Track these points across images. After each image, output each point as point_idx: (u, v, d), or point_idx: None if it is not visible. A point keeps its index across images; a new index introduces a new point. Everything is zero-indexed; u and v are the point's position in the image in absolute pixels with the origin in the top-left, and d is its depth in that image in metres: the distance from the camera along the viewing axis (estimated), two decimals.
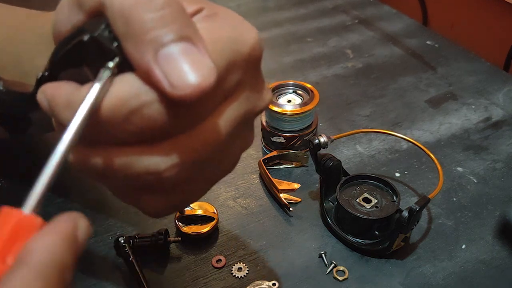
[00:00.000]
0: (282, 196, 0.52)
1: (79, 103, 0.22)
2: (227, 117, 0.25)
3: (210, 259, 0.46)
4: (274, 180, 0.52)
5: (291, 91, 0.58)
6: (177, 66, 0.21)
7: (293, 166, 0.58)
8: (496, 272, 0.45)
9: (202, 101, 0.23)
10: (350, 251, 0.48)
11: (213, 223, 0.48)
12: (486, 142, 0.61)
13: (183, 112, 0.23)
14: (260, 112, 0.28)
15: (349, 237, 0.47)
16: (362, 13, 0.94)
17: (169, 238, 0.46)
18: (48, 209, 0.51)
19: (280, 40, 0.86)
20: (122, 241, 0.44)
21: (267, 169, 0.54)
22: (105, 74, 0.22)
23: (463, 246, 0.48)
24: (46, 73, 0.26)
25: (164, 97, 0.22)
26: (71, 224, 0.20)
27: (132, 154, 0.24)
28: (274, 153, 0.57)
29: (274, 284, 0.44)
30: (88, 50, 0.23)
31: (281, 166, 0.58)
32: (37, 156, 0.57)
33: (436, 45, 0.83)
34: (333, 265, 0.46)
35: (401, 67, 0.77)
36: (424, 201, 0.43)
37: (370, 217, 0.46)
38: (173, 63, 0.21)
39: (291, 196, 0.52)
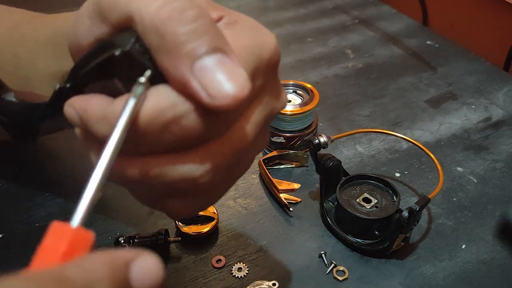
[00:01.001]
0: (282, 196, 0.51)
1: (115, 116, 0.22)
2: (253, 121, 0.26)
3: (210, 259, 0.46)
4: (274, 180, 0.52)
5: (291, 91, 0.58)
6: (214, 78, 0.22)
7: (293, 166, 0.58)
8: (497, 272, 0.45)
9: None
10: (350, 251, 0.48)
11: (213, 223, 0.48)
12: (486, 142, 0.61)
13: (216, 120, 0.23)
14: (278, 112, 0.29)
15: (349, 237, 0.47)
16: (362, 13, 0.94)
17: (169, 238, 0.46)
18: (48, 210, 0.51)
19: (280, 40, 0.85)
20: (122, 241, 0.44)
21: (267, 169, 0.54)
22: (139, 87, 0.22)
23: (463, 246, 0.48)
24: (68, 85, 0.26)
25: (199, 106, 0.22)
26: (126, 255, 0.20)
27: (167, 163, 0.24)
28: (274, 153, 0.56)
29: (274, 284, 0.44)
30: (119, 64, 0.23)
31: (281, 166, 0.58)
32: (37, 158, 0.57)
33: (436, 45, 0.83)
34: (333, 265, 0.46)
35: (401, 67, 0.77)
36: (424, 201, 0.43)
37: (370, 217, 0.46)
38: (209, 74, 0.22)
39: (291, 196, 0.52)
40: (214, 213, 0.49)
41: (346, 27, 0.89)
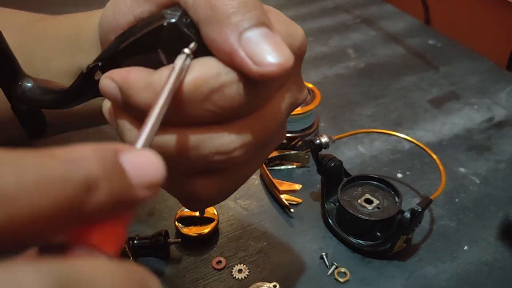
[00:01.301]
0: (283, 197, 0.51)
1: (161, 84, 0.23)
2: (283, 102, 0.27)
3: (210, 260, 0.46)
4: (275, 181, 0.52)
5: None
6: (260, 47, 0.23)
7: (294, 166, 0.57)
8: (499, 273, 0.45)
9: (269, 84, 0.25)
10: (352, 252, 0.47)
11: (213, 224, 0.48)
12: (489, 142, 0.61)
13: (256, 93, 0.24)
14: (299, 104, 0.30)
15: (350, 238, 0.47)
16: (364, 12, 0.94)
17: (169, 240, 0.46)
18: None
19: None
20: None
21: (268, 169, 0.54)
22: (184, 57, 0.23)
23: (466, 248, 0.48)
24: (100, 63, 0.27)
25: (243, 78, 0.23)
26: (114, 147, 0.18)
27: (204, 134, 0.25)
28: (275, 153, 0.56)
29: (274, 286, 0.44)
30: (166, 35, 0.24)
31: (282, 167, 0.57)
32: None
33: (439, 45, 0.82)
34: (334, 266, 0.45)
35: (403, 67, 0.77)
36: (426, 202, 0.43)
37: (371, 218, 0.46)
38: (256, 44, 0.23)
39: (292, 197, 0.52)
40: (214, 214, 0.48)
41: (348, 26, 0.89)
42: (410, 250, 0.47)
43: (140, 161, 0.18)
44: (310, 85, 0.57)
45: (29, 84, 0.31)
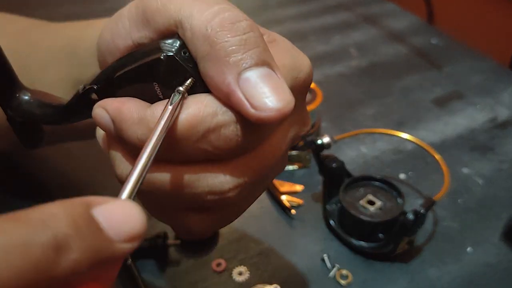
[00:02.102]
0: (284, 198, 0.51)
1: (154, 120, 0.22)
2: (283, 138, 0.26)
3: (210, 262, 0.46)
4: (276, 182, 0.51)
5: None
6: (259, 90, 0.22)
7: (296, 167, 0.57)
8: (503, 275, 0.45)
9: (268, 125, 0.24)
10: (354, 254, 0.47)
11: None
12: (493, 143, 0.60)
13: (253, 134, 0.24)
14: (302, 136, 0.30)
15: (352, 240, 0.47)
16: (366, 11, 0.93)
17: (168, 241, 0.45)
18: None
19: None
20: None
21: None
22: (179, 95, 0.23)
23: (469, 249, 0.47)
24: (95, 87, 0.26)
25: (241, 118, 0.23)
26: (86, 200, 0.18)
27: (198, 173, 0.24)
28: None
29: None
30: (162, 68, 0.23)
31: None
32: (34, 169, 0.57)
33: (442, 44, 0.82)
34: (336, 268, 0.45)
35: (406, 66, 0.76)
36: (429, 203, 0.43)
37: (374, 220, 0.45)
38: (255, 86, 0.22)
39: (293, 198, 0.52)
40: None
41: (350, 25, 0.89)
42: (413, 251, 0.47)
43: (117, 214, 0.17)
44: (311, 85, 0.57)
45: (26, 97, 0.30)
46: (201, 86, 0.23)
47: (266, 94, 0.22)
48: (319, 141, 0.48)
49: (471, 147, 0.59)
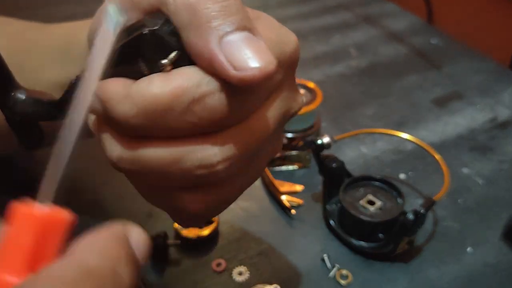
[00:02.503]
0: (284, 198, 0.51)
1: (138, 96, 0.22)
2: (272, 113, 0.26)
3: (210, 262, 0.46)
4: (276, 182, 0.51)
5: None
6: (240, 51, 0.22)
7: (296, 167, 0.57)
8: (503, 275, 0.45)
9: (254, 93, 0.24)
10: (354, 254, 0.47)
11: (213, 226, 0.47)
12: (492, 143, 0.60)
13: (239, 103, 0.24)
14: (294, 114, 0.29)
15: (352, 240, 0.47)
16: (366, 11, 0.93)
17: (168, 242, 0.45)
18: None
19: None
20: None
21: (268, 170, 0.53)
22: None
23: (469, 249, 0.47)
24: None
25: (226, 87, 0.23)
26: (122, 228, 0.21)
27: (185, 146, 0.24)
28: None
29: None
30: (146, 45, 0.23)
31: (283, 167, 0.57)
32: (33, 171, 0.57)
33: (441, 44, 0.82)
34: (336, 268, 0.45)
35: (405, 66, 0.76)
36: (429, 203, 0.43)
37: (374, 220, 0.45)
38: (236, 48, 0.22)
39: (293, 198, 0.52)
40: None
41: (350, 25, 0.89)
42: (413, 252, 0.46)
43: (140, 240, 0.22)
44: (311, 85, 0.57)
45: (22, 96, 0.30)
46: (186, 59, 0.23)
47: (248, 55, 0.22)
48: (319, 141, 0.48)
49: (471, 147, 0.59)
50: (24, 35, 0.41)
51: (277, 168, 0.56)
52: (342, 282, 0.44)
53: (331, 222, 0.48)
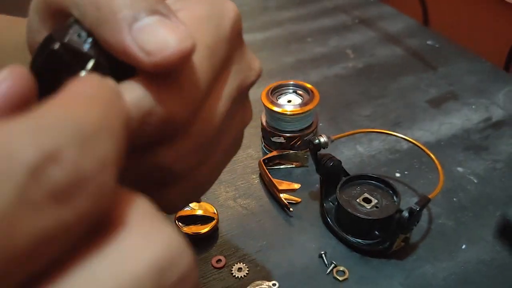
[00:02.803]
0: (282, 196, 0.51)
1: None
2: (224, 95, 0.24)
3: (210, 259, 0.46)
4: (274, 180, 0.52)
5: (291, 91, 0.58)
6: (152, 34, 0.20)
7: (293, 166, 0.57)
8: (497, 272, 0.45)
9: (197, 83, 0.22)
10: (350, 251, 0.47)
11: (213, 223, 0.48)
12: (487, 142, 0.61)
13: (184, 102, 0.22)
14: (253, 83, 0.27)
15: (349, 237, 0.47)
16: (363, 13, 0.94)
17: None
18: None
19: (280, 40, 0.86)
20: None
21: (267, 169, 0.54)
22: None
23: (464, 247, 0.48)
24: None
25: (165, 100, 0.21)
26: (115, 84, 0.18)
27: (139, 156, 0.23)
28: (274, 153, 0.56)
29: (274, 285, 0.44)
30: (61, 60, 0.21)
31: (281, 166, 0.57)
32: None
33: (437, 45, 0.83)
34: (333, 265, 0.46)
35: (401, 67, 0.77)
36: (424, 201, 0.43)
37: (370, 217, 0.46)
38: (147, 32, 0.20)
39: (291, 196, 0.52)
40: (214, 213, 0.49)
41: (347, 27, 0.89)
42: (408, 249, 0.47)
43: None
44: (309, 85, 0.58)
45: None
46: (105, 65, 0.21)
47: (160, 36, 0.20)
48: (316, 141, 0.48)
49: (466, 147, 0.60)
50: (1, 31, 0.39)
51: (276, 167, 0.57)
52: (339, 278, 0.45)
53: (329, 219, 0.49)
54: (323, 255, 0.47)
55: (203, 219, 0.48)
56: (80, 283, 0.13)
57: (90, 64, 0.21)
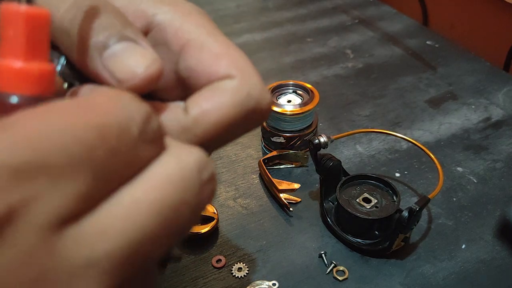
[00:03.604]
0: (282, 196, 0.51)
1: None
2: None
3: (210, 259, 0.46)
4: (274, 180, 0.52)
5: (291, 91, 0.58)
6: (121, 62, 0.21)
7: (293, 166, 0.58)
8: (496, 272, 0.45)
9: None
10: (350, 251, 0.48)
11: (213, 223, 0.48)
12: (486, 142, 0.61)
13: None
14: (261, 107, 0.24)
15: (349, 237, 0.47)
16: (362, 13, 0.94)
17: None
18: None
19: (280, 40, 0.86)
20: None
21: (267, 169, 0.54)
22: None
23: (463, 246, 0.48)
24: None
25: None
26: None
27: None
28: (274, 153, 0.56)
29: (274, 284, 0.44)
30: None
31: (281, 166, 0.58)
32: None
33: (436, 45, 0.83)
34: (333, 265, 0.46)
35: (401, 67, 0.77)
36: (424, 201, 0.43)
37: (370, 217, 0.46)
38: (117, 60, 0.21)
39: (291, 196, 0.52)
40: (214, 213, 0.49)
41: (346, 27, 0.90)
42: (408, 248, 0.47)
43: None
44: (309, 85, 0.58)
45: None
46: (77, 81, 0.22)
47: (128, 64, 0.21)
48: (316, 141, 0.48)
49: (465, 147, 0.60)
50: None
51: (276, 167, 0.57)
52: (339, 278, 0.45)
53: (328, 219, 0.49)
54: (323, 255, 0.47)
55: (203, 219, 0.48)
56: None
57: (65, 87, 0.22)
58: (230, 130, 0.22)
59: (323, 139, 0.48)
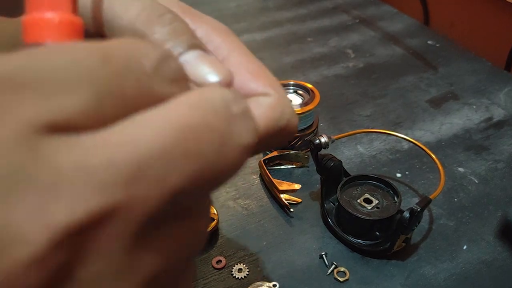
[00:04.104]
0: (283, 196, 0.51)
1: None
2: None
3: (210, 260, 0.46)
4: (275, 181, 0.52)
5: (291, 91, 0.58)
6: (198, 69, 0.22)
7: (294, 166, 0.57)
8: (498, 273, 0.45)
9: None
10: (351, 252, 0.47)
11: (213, 224, 0.48)
12: (488, 142, 0.61)
13: None
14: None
15: (350, 238, 0.47)
16: (363, 13, 0.94)
17: None
18: None
19: (280, 40, 0.85)
20: None
21: (267, 169, 0.54)
22: None
23: (465, 247, 0.48)
24: None
25: None
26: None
27: None
28: (275, 153, 0.56)
29: (274, 285, 0.44)
30: None
31: (282, 167, 0.57)
32: None
33: (437, 45, 0.83)
34: (333, 266, 0.46)
35: (402, 67, 0.77)
36: (425, 202, 0.43)
37: (371, 218, 0.46)
38: (193, 67, 0.22)
39: (291, 197, 0.52)
40: (214, 213, 0.49)
41: (347, 27, 0.89)
42: (409, 249, 0.47)
43: None
44: (309, 85, 0.58)
45: None
46: None
47: (206, 71, 0.22)
48: (317, 141, 0.48)
49: (467, 147, 0.60)
50: None
51: (276, 167, 0.57)
52: (340, 279, 0.44)
53: (329, 220, 0.49)
54: (323, 255, 0.46)
55: None
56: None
57: None
58: (259, 143, 0.22)
59: (323, 139, 0.48)
